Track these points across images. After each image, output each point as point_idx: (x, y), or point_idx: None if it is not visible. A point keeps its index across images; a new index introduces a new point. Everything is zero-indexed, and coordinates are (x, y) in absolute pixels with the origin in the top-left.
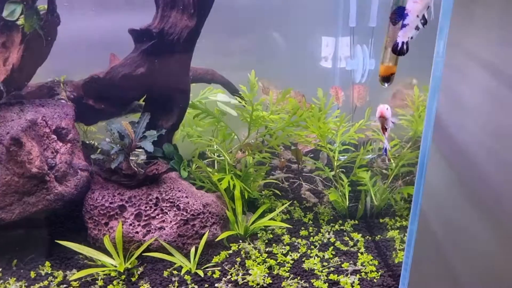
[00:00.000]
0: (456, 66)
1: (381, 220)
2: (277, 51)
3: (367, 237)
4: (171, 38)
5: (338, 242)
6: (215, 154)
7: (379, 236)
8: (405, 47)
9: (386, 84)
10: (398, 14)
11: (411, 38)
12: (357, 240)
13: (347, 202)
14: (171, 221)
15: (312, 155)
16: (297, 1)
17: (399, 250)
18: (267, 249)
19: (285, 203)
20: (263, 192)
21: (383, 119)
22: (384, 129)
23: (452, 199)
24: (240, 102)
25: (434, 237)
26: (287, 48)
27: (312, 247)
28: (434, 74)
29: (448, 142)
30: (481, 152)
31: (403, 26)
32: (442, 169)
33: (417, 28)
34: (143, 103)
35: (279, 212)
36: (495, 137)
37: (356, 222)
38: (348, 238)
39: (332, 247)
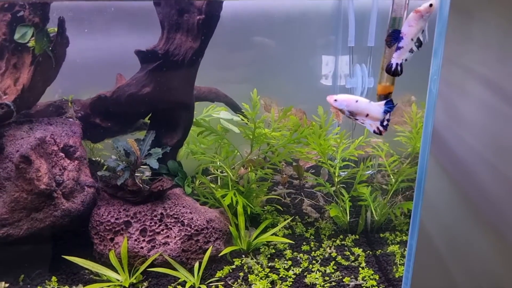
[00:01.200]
0: (455, 82)
1: (381, 235)
2: (278, 70)
3: (368, 251)
4: (176, 59)
5: (339, 256)
6: (218, 170)
7: (379, 250)
8: (399, 68)
9: None
10: (393, 37)
11: (405, 60)
12: (358, 255)
13: (348, 217)
14: (175, 237)
15: (313, 171)
16: (298, 21)
17: (399, 264)
18: (269, 264)
19: (287, 219)
20: (265, 207)
21: (338, 110)
22: (352, 114)
23: (452, 213)
24: (242, 119)
25: (434, 251)
26: (289, 67)
27: (314, 261)
28: (431, 91)
29: (447, 156)
30: (480, 165)
31: (398, 48)
32: (441, 184)
33: (411, 50)
34: (149, 121)
35: (281, 227)
36: (494, 150)
37: (357, 237)
38: (349, 253)
39: (333, 261)
